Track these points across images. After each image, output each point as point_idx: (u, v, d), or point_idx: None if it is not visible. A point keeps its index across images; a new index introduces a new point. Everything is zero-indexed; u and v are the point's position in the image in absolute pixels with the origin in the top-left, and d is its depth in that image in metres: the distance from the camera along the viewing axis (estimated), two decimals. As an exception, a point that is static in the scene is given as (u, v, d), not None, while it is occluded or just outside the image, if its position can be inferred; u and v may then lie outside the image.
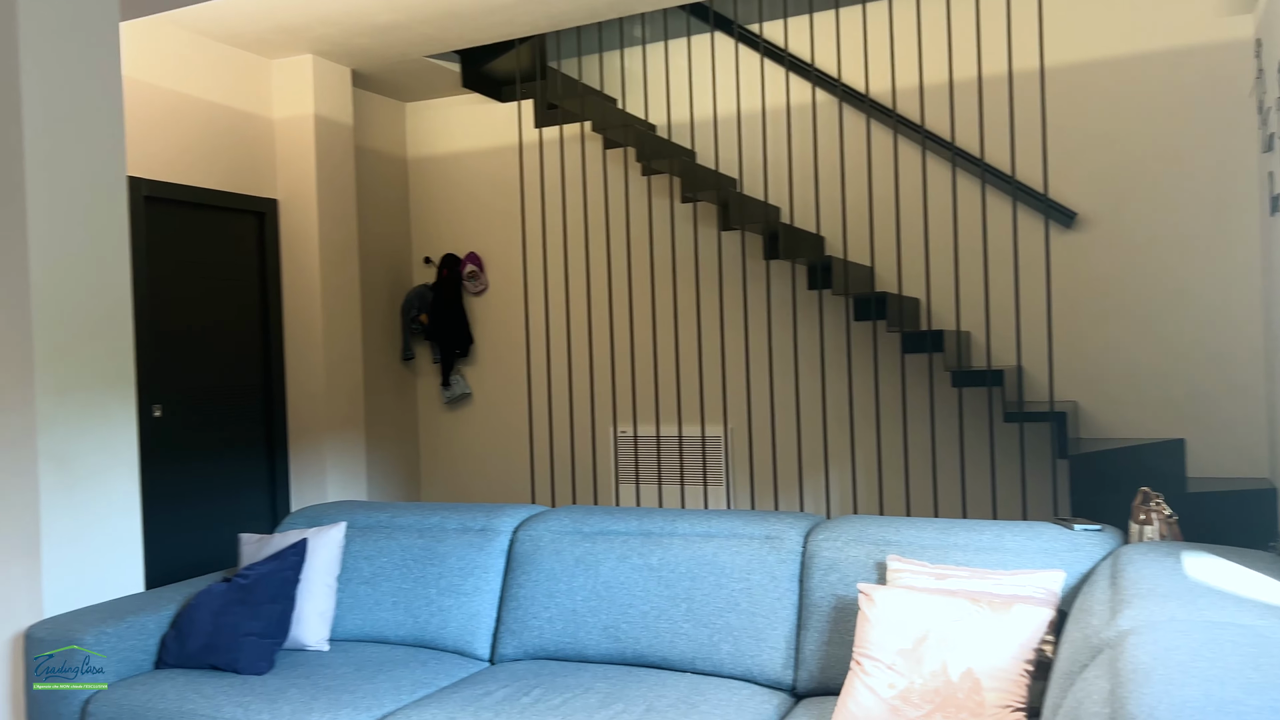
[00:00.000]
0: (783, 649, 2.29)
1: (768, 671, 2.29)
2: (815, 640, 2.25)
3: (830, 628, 2.23)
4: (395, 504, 2.97)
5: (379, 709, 2.24)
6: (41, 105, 2.66)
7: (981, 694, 1.84)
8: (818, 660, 2.23)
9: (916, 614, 1.94)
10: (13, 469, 2.64)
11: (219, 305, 4.46)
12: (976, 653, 1.87)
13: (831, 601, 2.25)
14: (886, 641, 1.94)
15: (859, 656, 1.97)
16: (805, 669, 2.25)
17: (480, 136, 5.43)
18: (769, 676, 2.29)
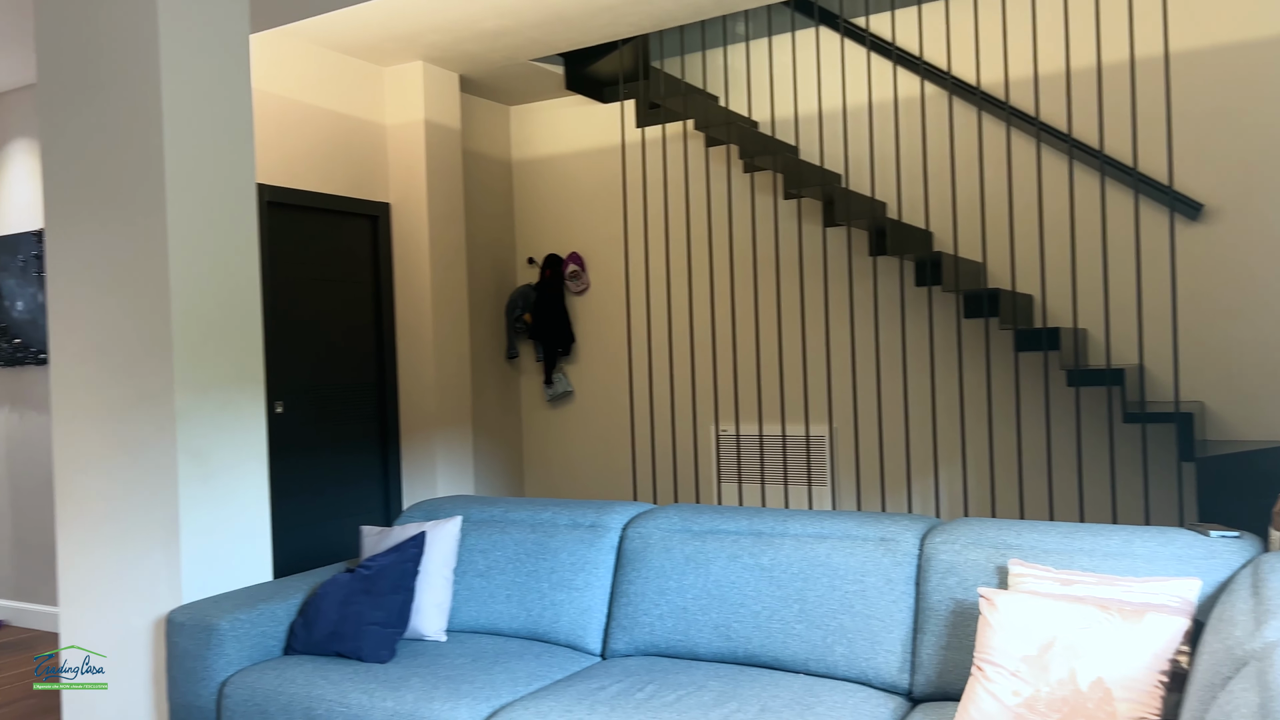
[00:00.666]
0: (898, 652, 2.26)
1: (883, 675, 2.26)
2: (932, 644, 2.21)
3: (948, 632, 2.19)
4: (508, 499, 3.03)
5: (496, 699, 2.30)
6: (180, 117, 2.80)
7: (1113, 704, 1.78)
8: (935, 665, 2.20)
9: (1042, 620, 1.89)
10: (155, 463, 2.80)
11: (336, 306, 4.63)
12: (1107, 661, 1.81)
13: (949, 605, 2.21)
14: (1010, 647, 1.90)
15: (980, 662, 1.93)
16: (922, 673, 2.21)
17: (582, 138, 5.50)
18: (884, 680, 2.26)
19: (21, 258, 4.73)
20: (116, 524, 2.89)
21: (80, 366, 2.96)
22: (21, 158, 4.80)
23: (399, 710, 2.27)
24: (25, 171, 4.78)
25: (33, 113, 4.76)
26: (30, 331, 4.72)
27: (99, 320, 2.91)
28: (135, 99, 2.80)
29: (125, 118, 2.83)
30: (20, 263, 4.74)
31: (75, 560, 2.98)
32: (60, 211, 2.99)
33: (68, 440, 2.99)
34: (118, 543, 2.89)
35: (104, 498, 2.91)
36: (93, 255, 2.91)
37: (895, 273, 4.57)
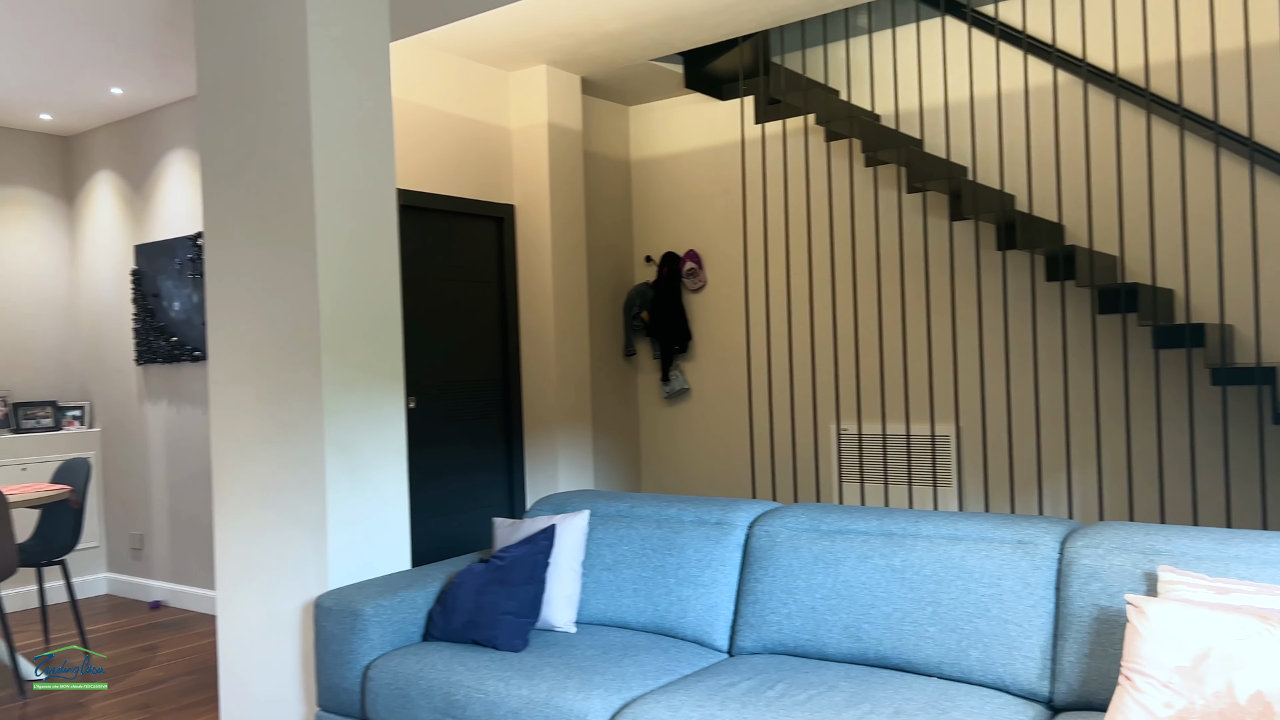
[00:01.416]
0: (1038, 659, 2.20)
1: (1021, 681, 2.21)
2: (1074, 652, 2.15)
3: (1091, 639, 2.13)
4: (633, 495, 3.08)
5: (628, 691, 2.34)
6: (327, 126, 2.95)
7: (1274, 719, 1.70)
8: (1077, 673, 2.13)
9: (1196, 630, 1.82)
10: (304, 455, 2.96)
11: (463, 305, 4.78)
12: (1268, 675, 1.73)
13: (1093, 612, 2.14)
14: (1161, 657, 1.83)
15: (1129, 672, 1.86)
16: (1063, 681, 2.16)
17: (700, 135, 5.51)
18: (1022, 686, 2.21)
19: (178, 261, 5.06)
20: (268, 513, 3.06)
21: (235, 364, 3.14)
22: (179, 167, 5.12)
23: (534, 699, 2.34)
24: (182, 180, 5.11)
25: (189, 124, 5.07)
26: (186, 330, 5.04)
27: (253, 319, 3.09)
28: (287, 109, 2.96)
29: (278, 128, 2.99)
30: (177, 266, 5.06)
31: (231, 547, 3.18)
32: (218, 217, 3.19)
33: (224, 434, 3.19)
34: (270, 531, 3.06)
35: (257, 488, 3.09)
36: (247, 258, 3.09)
37: (1025, 267, 4.43)
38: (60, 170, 5.71)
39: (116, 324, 5.48)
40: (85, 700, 3.78)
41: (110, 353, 5.53)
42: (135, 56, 4.38)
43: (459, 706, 2.44)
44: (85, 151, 5.64)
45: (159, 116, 5.22)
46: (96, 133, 5.56)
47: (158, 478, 5.32)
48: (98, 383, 5.62)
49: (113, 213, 5.49)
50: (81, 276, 5.69)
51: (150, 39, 4.17)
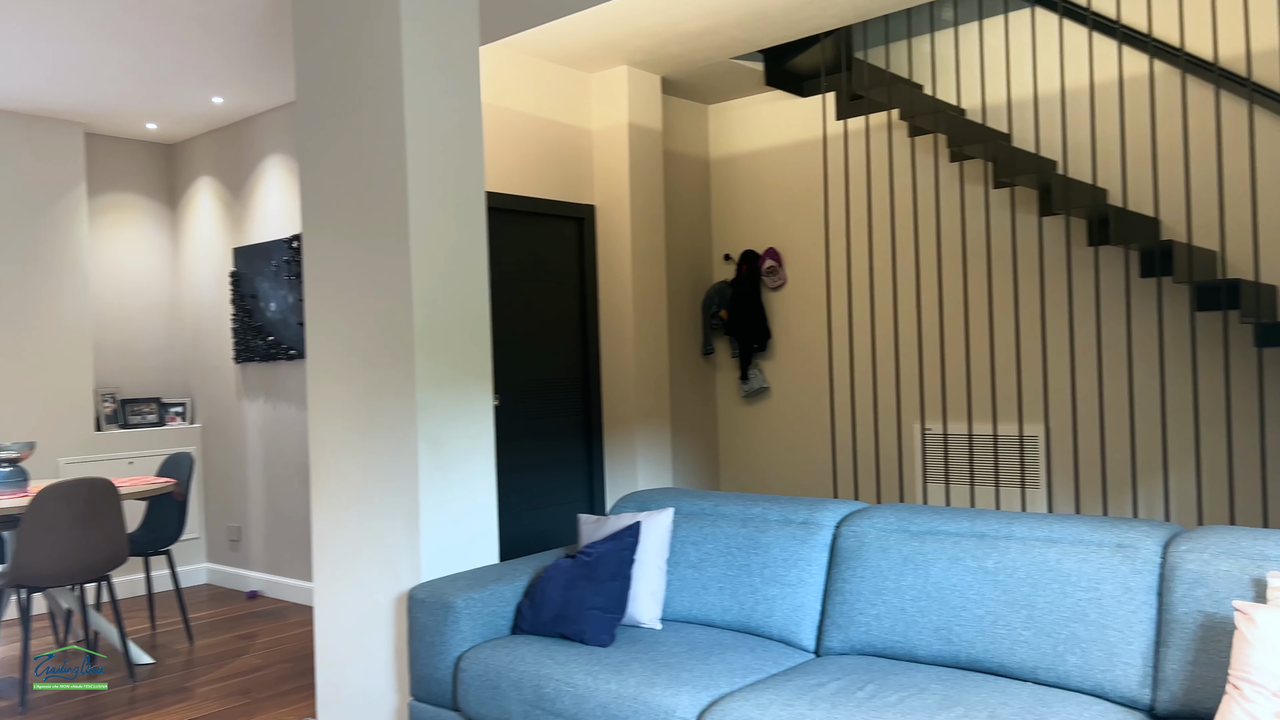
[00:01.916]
0: (1139, 665, 2.15)
1: (1121, 688, 2.16)
2: (1178, 659, 2.09)
3: (1196, 647, 2.07)
4: (717, 493, 3.09)
5: (715, 689, 2.36)
6: (420, 130, 3.03)
7: (1398, 736, 1.63)
8: (1181, 681, 2.08)
9: (1310, 640, 1.75)
10: (398, 451, 3.04)
11: (545, 304, 4.85)
12: (1390, 689, 1.66)
13: (1197, 619, 2.08)
14: (1272, 666, 1.77)
15: (1237, 681, 1.81)
16: (1166, 689, 2.10)
17: (780, 133, 5.49)
18: (1122, 694, 2.16)
19: (274, 263, 5.24)
20: (363, 507, 3.16)
21: (332, 363, 3.25)
22: (275, 172, 5.31)
23: (622, 693, 2.37)
24: (278, 184, 5.29)
25: (285, 130, 5.25)
26: (282, 330, 5.22)
27: (349, 320, 3.19)
28: (382, 114, 3.05)
29: (373, 132, 3.08)
30: (273, 268, 5.25)
31: (327, 539, 3.28)
32: (316, 220, 3.30)
33: (321, 431, 3.30)
34: (364, 524, 3.16)
35: (352, 484, 3.19)
36: (343, 259, 3.19)
37: (1118, 263, 4.30)
38: (164, 177, 5.97)
39: (216, 324, 5.71)
40: (190, 685, 3.94)
41: (210, 351, 5.76)
42: (235, 66, 4.56)
43: (549, 699, 2.49)
44: (187, 158, 5.88)
45: (256, 124, 5.42)
46: (197, 140, 5.80)
47: (254, 472, 5.52)
48: (198, 380, 5.86)
49: (213, 217, 5.71)
50: (184, 279, 5.94)
51: (249, 49, 4.33)
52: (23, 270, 5.15)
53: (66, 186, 5.33)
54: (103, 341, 5.65)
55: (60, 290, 5.29)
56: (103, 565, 3.88)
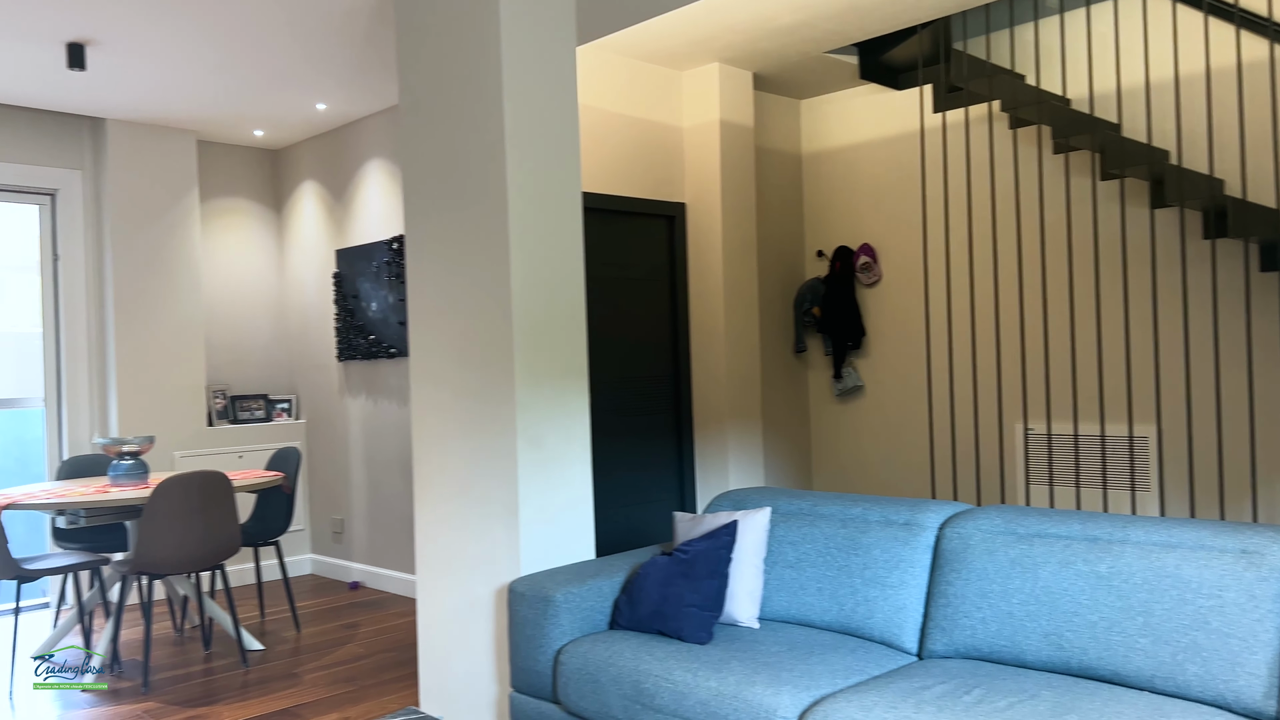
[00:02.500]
0: (1264, 676, 2.05)
1: (1244, 699, 2.07)
2: (1309, 672, 1.99)
3: (1330, 660, 1.96)
4: (815, 493, 3.06)
5: (816, 689, 2.34)
6: (519, 132, 3.08)
7: None
8: (1313, 695, 1.98)
9: None
10: (498, 448, 3.10)
11: (635, 303, 4.87)
12: None
13: (1331, 630, 1.97)
14: None
15: (1378, 697, 1.71)
16: (1296, 703, 2.00)
17: (874, 127, 5.40)
18: (1246, 705, 2.07)
19: (375, 264, 5.39)
20: (464, 502, 3.23)
21: (434, 362, 3.33)
22: (376, 175, 5.46)
23: (722, 691, 2.37)
24: (378, 188, 5.44)
25: (385, 135, 5.40)
26: (382, 329, 5.37)
27: (450, 319, 3.26)
28: (481, 116, 3.11)
29: (473, 134, 3.15)
30: (374, 269, 5.40)
31: (430, 533, 3.37)
32: (418, 222, 3.38)
33: (424, 428, 3.39)
34: (465, 519, 3.23)
35: (454, 478, 3.27)
36: (445, 260, 3.27)
37: (1237, 256, 4.11)
38: (270, 181, 6.20)
39: (320, 323, 5.90)
40: (298, 671, 4.09)
41: (314, 350, 5.97)
42: (338, 74, 4.71)
43: (648, 695, 2.50)
44: (292, 164, 6.09)
45: (357, 129, 5.58)
46: (301, 146, 6.00)
47: (356, 466, 5.70)
48: (303, 377, 6.07)
49: (316, 220, 5.91)
50: (289, 280, 6.16)
51: (352, 57, 4.47)
52: (142, 272, 5.42)
53: (181, 192, 5.58)
54: (214, 340, 5.90)
55: (176, 291, 5.54)
56: (217, 554, 4.06)
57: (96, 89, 4.81)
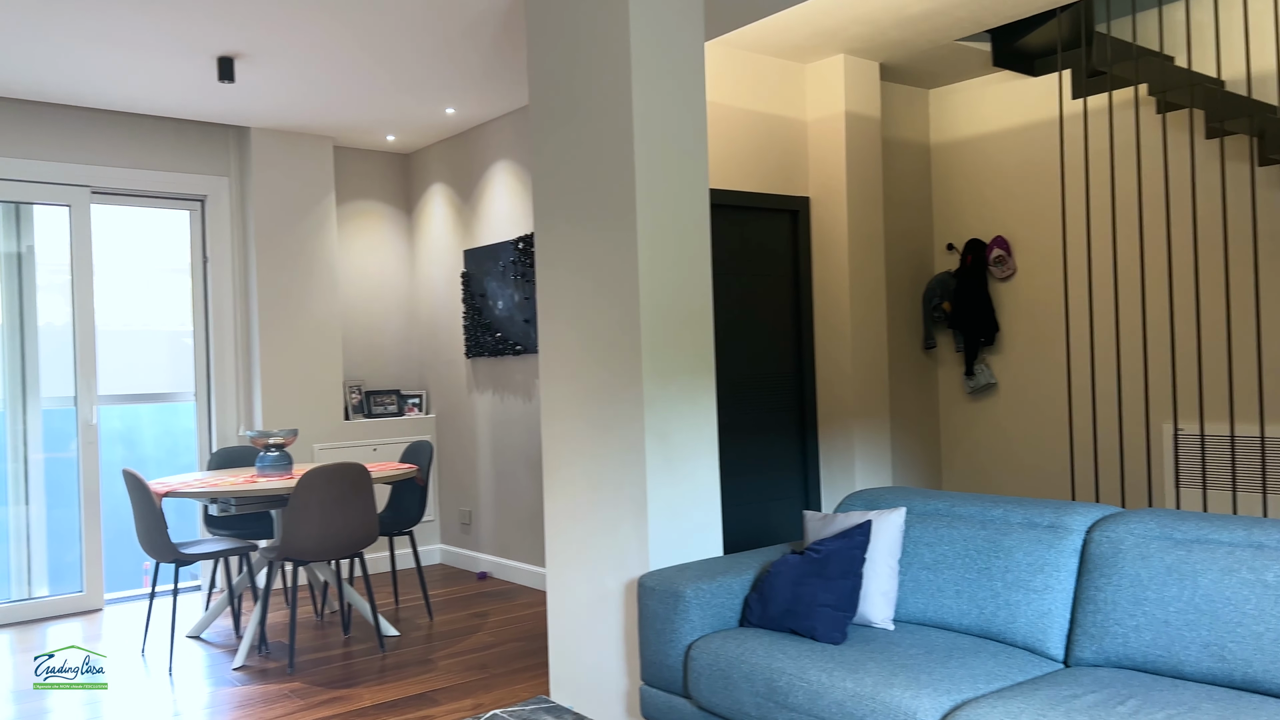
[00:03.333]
0: None
1: None
2: None
3: None
4: (952, 493, 2.98)
5: (957, 694, 2.27)
6: (647, 130, 3.10)
7: None
8: None
9: None
10: (626, 443, 3.13)
11: (758, 299, 4.84)
12: None
13: None
14: None
15: None
16: None
17: (1009, 115, 5.21)
18: None
19: (501, 264, 5.52)
20: (593, 496, 3.27)
21: (563, 357, 3.39)
22: (502, 177, 5.59)
23: (859, 692, 2.33)
24: (505, 189, 5.57)
25: (512, 137, 5.52)
26: (509, 327, 5.50)
27: (579, 315, 3.31)
28: (610, 114, 3.14)
29: (602, 132, 3.18)
30: (500, 268, 5.53)
31: (559, 527, 3.43)
32: (546, 221, 3.44)
33: (552, 423, 3.44)
34: (594, 513, 3.27)
35: (582, 473, 3.31)
36: (573, 258, 3.32)
37: None
38: (402, 185, 6.43)
39: (448, 321, 6.08)
40: (432, 658, 4.23)
41: (443, 347, 6.15)
42: (467, 79, 4.83)
43: (781, 693, 2.48)
44: (422, 167, 6.30)
45: (484, 132, 5.72)
46: (430, 149, 6.19)
47: (484, 459, 5.85)
48: (433, 373, 6.27)
49: (444, 221, 6.09)
50: (419, 279, 6.37)
51: (480, 62, 4.58)
52: (284, 273, 5.69)
53: (319, 196, 5.84)
54: (349, 338, 6.15)
55: (315, 291, 5.80)
56: (357, 543, 4.23)
57: (242, 100, 5.08)
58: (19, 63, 4.45)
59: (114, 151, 5.31)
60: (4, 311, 5.14)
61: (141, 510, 4.17)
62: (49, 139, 5.12)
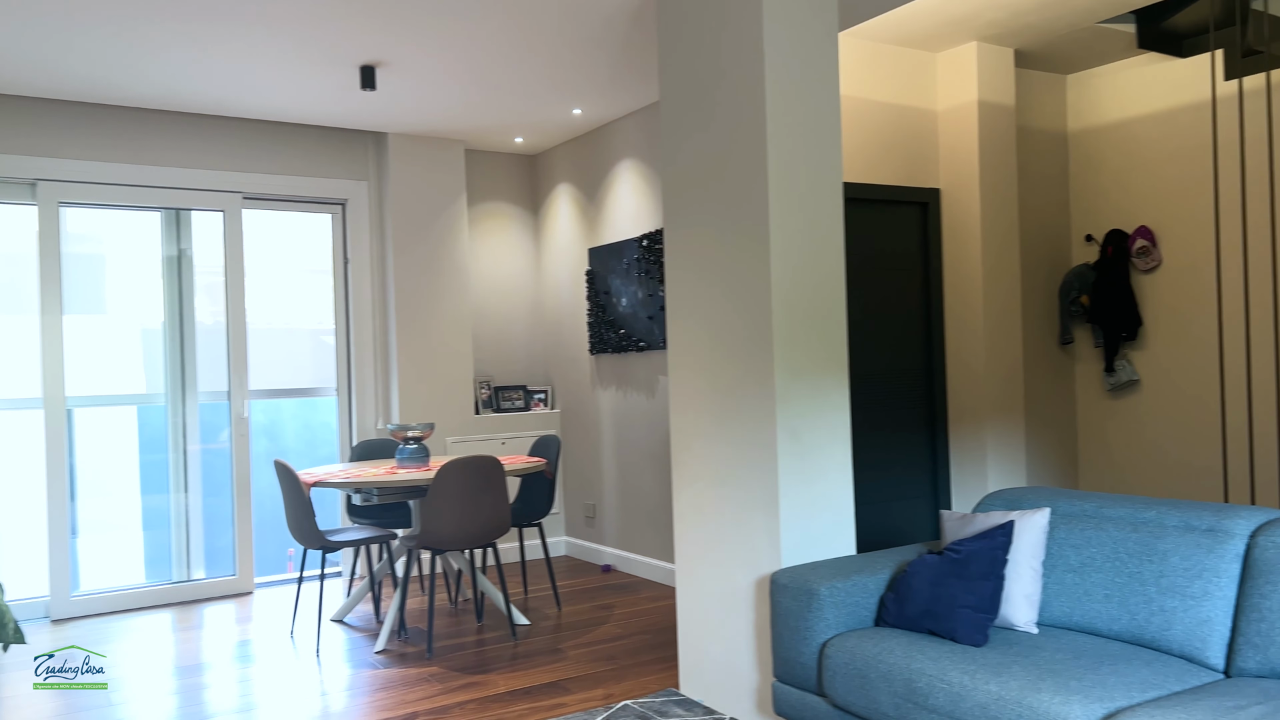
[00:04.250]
0: None
1: None
2: None
3: None
4: (1099, 494, 2.87)
5: (1110, 701, 2.20)
6: (780, 122, 3.09)
7: None
8: None
9: None
10: (757, 440, 3.13)
11: (885, 293, 4.75)
12: None
13: None
14: None
15: None
16: None
17: (1153, 99, 4.97)
18: None
19: (626, 261, 5.59)
20: (723, 492, 3.29)
21: (692, 352, 3.41)
22: (627, 175, 5.66)
23: (1004, 696, 2.28)
24: (629, 187, 5.64)
25: (637, 136, 5.58)
26: (632, 324, 5.56)
27: (709, 310, 3.33)
28: (742, 110, 3.15)
29: (734, 128, 3.19)
30: (625, 265, 5.60)
31: (688, 522, 3.46)
32: (676, 217, 3.47)
33: (681, 417, 3.47)
34: (724, 508, 3.29)
35: (712, 468, 3.33)
36: (704, 253, 3.34)
37: None
38: (528, 185, 6.58)
39: (573, 318, 6.19)
40: (561, 647, 4.32)
41: (568, 343, 6.27)
42: (595, 80, 4.91)
43: (921, 694, 2.45)
44: (548, 167, 6.43)
45: (609, 130, 5.80)
46: (556, 150, 6.32)
47: (607, 454, 5.93)
48: (558, 370, 6.40)
49: (570, 220, 6.20)
50: (545, 277, 6.51)
51: (608, 62, 4.65)
52: (419, 273, 5.91)
53: (451, 198, 6.03)
54: (478, 334, 6.34)
55: (447, 290, 5.99)
56: (490, 533, 4.36)
57: (381, 106, 5.30)
58: (180, 79, 4.75)
59: (264, 159, 5.61)
60: (165, 311, 5.50)
61: (292, 499, 4.40)
62: (205, 149, 5.46)
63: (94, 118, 5.17)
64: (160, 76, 4.71)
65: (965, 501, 4.83)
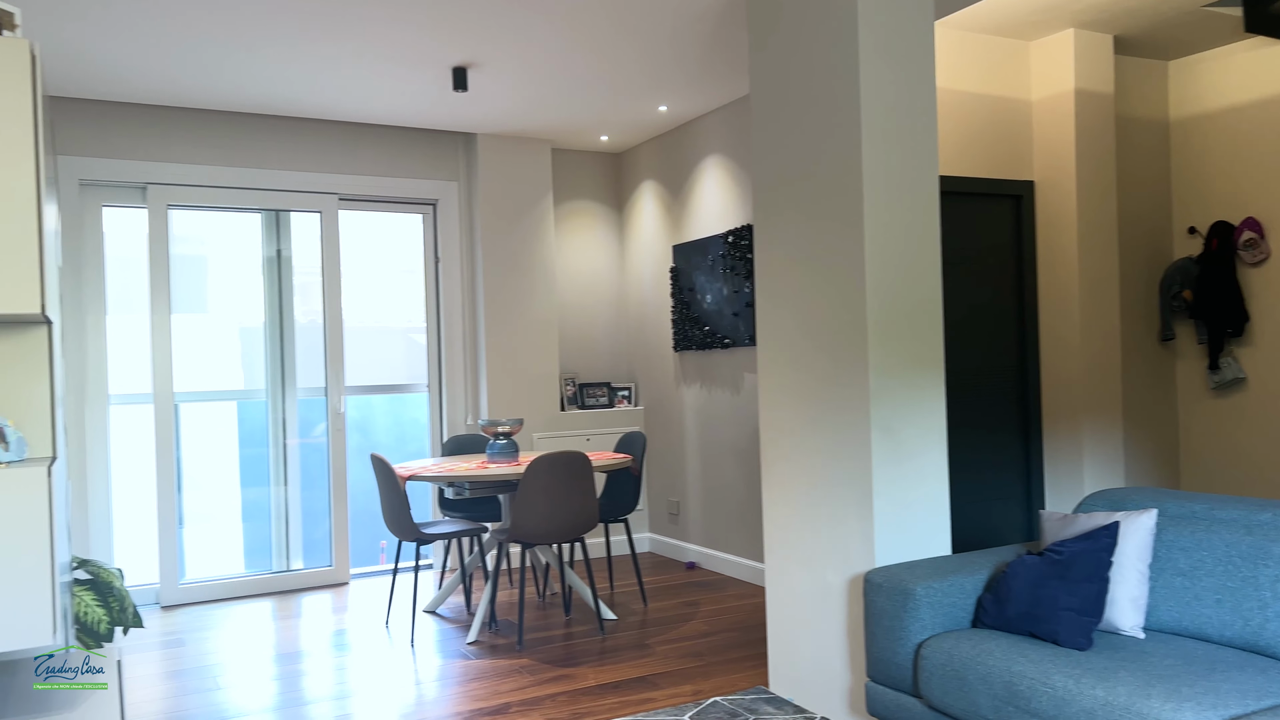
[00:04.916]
0: None
1: None
2: None
3: None
4: (1210, 495, 2.78)
5: (1224, 709, 2.13)
6: (874, 115, 3.05)
7: None
8: None
9: None
10: (850, 437, 3.11)
11: (976, 288, 4.66)
12: None
13: None
14: None
15: None
16: None
17: (1262, 85, 4.76)
18: None
19: (710, 258, 5.60)
20: (814, 490, 3.27)
21: (783, 349, 3.40)
22: (712, 171, 5.66)
23: (1111, 701, 2.22)
24: (715, 184, 5.64)
25: (722, 132, 5.58)
26: (717, 320, 5.56)
27: (800, 305, 3.31)
28: (836, 103, 3.12)
29: (826, 122, 3.17)
30: (709, 262, 5.60)
31: (779, 519, 3.45)
32: (767, 213, 3.46)
33: (772, 414, 3.47)
34: (815, 506, 3.27)
35: (803, 466, 3.32)
36: (796, 249, 3.32)
37: None
38: (613, 183, 6.63)
39: (657, 315, 6.22)
40: (648, 643, 4.36)
41: (652, 340, 6.30)
42: (681, 77, 4.93)
43: (1022, 697, 2.40)
44: (633, 165, 6.47)
45: (695, 127, 5.81)
46: (641, 147, 6.35)
47: (691, 451, 5.95)
48: (642, 366, 6.44)
49: (654, 217, 6.23)
50: (629, 275, 6.55)
51: (695, 58, 4.66)
52: (507, 272, 6.00)
53: (538, 196, 6.11)
54: (563, 331, 6.41)
55: (534, 288, 6.08)
56: (578, 528, 4.41)
57: (471, 107, 5.40)
58: (279, 85, 4.92)
59: (358, 161, 5.77)
60: (265, 310, 5.71)
61: (387, 492, 4.53)
62: (304, 151, 5.64)
63: (200, 123, 5.39)
64: (261, 83, 4.89)
65: (1061, 502, 4.71)
